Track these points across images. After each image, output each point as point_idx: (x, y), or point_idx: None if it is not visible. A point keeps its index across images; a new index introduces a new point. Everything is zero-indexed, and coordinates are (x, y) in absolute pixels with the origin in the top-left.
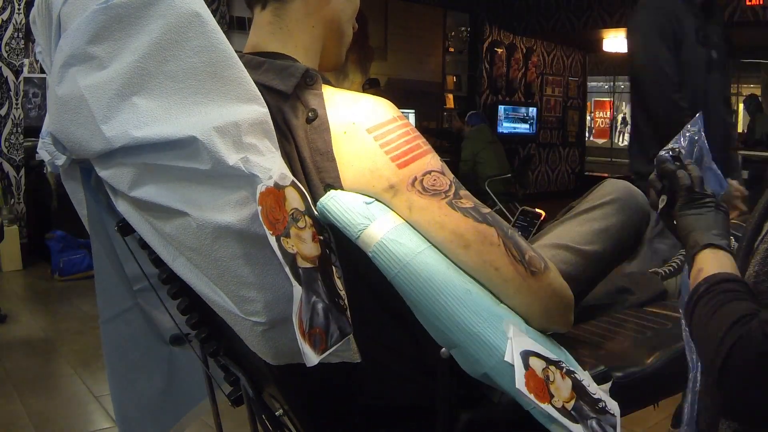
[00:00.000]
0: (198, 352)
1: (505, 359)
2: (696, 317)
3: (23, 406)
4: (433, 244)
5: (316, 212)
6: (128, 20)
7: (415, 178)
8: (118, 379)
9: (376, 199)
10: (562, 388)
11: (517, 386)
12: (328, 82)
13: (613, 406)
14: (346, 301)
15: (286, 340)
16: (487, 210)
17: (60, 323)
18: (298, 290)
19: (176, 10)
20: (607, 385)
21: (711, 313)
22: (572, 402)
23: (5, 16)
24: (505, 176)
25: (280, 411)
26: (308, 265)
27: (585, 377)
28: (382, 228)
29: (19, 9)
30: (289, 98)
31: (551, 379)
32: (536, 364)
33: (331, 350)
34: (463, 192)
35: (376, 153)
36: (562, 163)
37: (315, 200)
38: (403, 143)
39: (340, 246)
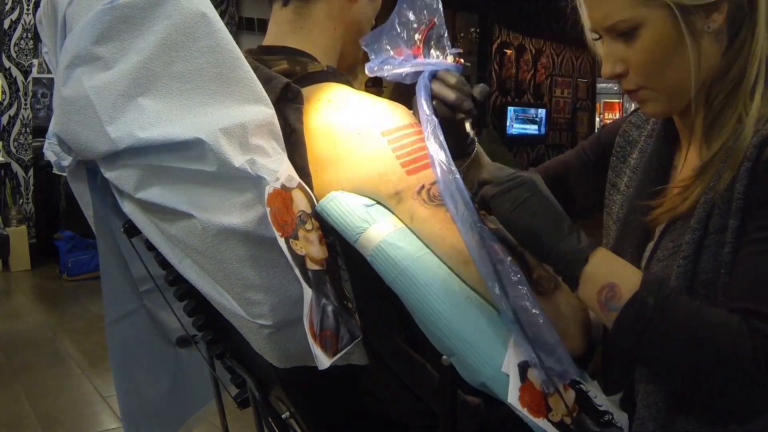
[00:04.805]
0: (204, 353)
1: (502, 370)
2: (664, 330)
3: (30, 406)
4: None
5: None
6: (134, 20)
7: (423, 186)
8: (124, 380)
9: (380, 203)
10: (564, 401)
11: (509, 400)
12: (348, 83)
13: (621, 417)
14: (354, 305)
15: (292, 343)
16: (495, 225)
17: (68, 323)
18: (308, 292)
19: (182, 10)
20: (617, 396)
21: (691, 317)
22: (574, 414)
23: (14, 16)
24: None
25: (287, 413)
26: (317, 268)
27: (592, 387)
28: (381, 231)
29: (28, 9)
30: None
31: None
32: (536, 376)
33: (341, 353)
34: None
35: (387, 156)
36: None
37: None
38: (416, 149)
39: (345, 249)
